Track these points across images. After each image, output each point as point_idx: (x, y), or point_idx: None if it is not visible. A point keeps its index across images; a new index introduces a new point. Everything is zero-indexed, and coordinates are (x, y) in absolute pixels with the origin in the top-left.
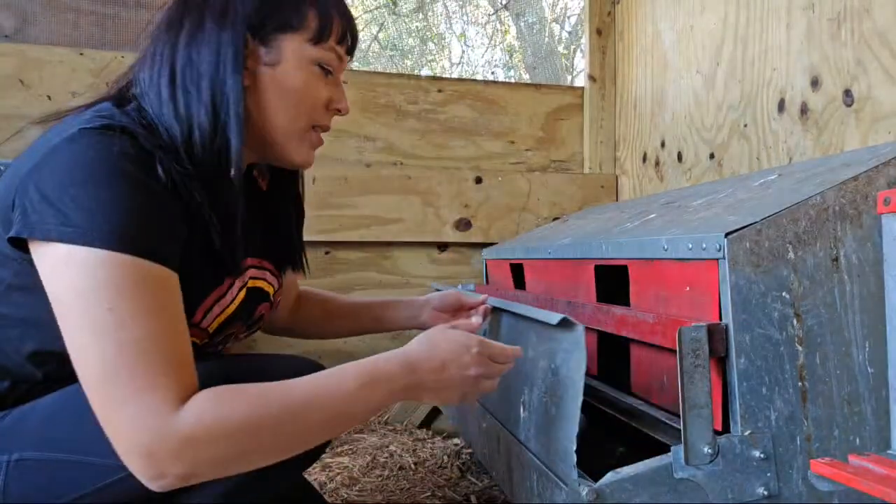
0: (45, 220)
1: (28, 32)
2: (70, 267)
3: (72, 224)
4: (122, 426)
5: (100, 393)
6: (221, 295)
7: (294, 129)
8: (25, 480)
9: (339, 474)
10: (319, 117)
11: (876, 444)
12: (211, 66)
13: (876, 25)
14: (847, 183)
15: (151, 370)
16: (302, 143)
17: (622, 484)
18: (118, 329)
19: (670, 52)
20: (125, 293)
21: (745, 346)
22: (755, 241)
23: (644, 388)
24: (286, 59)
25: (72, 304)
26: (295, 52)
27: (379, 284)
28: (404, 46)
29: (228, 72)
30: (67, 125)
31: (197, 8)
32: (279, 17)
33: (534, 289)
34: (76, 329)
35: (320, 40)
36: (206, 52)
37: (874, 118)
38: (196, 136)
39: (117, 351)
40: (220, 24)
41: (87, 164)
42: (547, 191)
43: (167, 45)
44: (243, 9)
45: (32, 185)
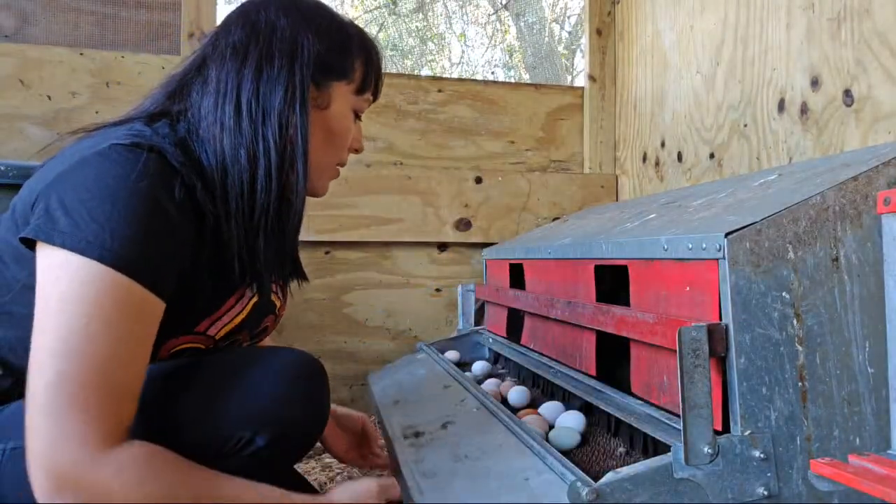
0: (56, 226)
1: (28, 32)
2: (64, 272)
3: (79, 233)
4: (46, 436)
5: (43, 397)
6: (231, 306)
7: (326, 165)
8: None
9: (340, 474)
10: (344, 157)
11: (876, 444)
12: (280, 102)
13: (876, 25)
14: (847, 183)
15: (100, 396)
16: (326, 178)
17: (622, 484)
18: (87, 343)
19: (670, 52)
20: (106, 312)
21: (745, 346)
22: (755, 241)
23: (644, 388)
24: (335, 104)
25: (53, 307)
26: (342, 99)
27: (379, 284)
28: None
29: (297, 111)
30: (101, 138)
31: (266, 41)
32: (337, 66)
33: (534, 289)
34: (48, 332)
35: (362, 91)
36: (278, 89)
37: (874, 118)
38: (262, 167)
39: (78, 364)
40: (290, 63)
41: (111, 180)
42: (547, 191)
43: (232, 73)
44: (310, 51)
45: (55, 193)
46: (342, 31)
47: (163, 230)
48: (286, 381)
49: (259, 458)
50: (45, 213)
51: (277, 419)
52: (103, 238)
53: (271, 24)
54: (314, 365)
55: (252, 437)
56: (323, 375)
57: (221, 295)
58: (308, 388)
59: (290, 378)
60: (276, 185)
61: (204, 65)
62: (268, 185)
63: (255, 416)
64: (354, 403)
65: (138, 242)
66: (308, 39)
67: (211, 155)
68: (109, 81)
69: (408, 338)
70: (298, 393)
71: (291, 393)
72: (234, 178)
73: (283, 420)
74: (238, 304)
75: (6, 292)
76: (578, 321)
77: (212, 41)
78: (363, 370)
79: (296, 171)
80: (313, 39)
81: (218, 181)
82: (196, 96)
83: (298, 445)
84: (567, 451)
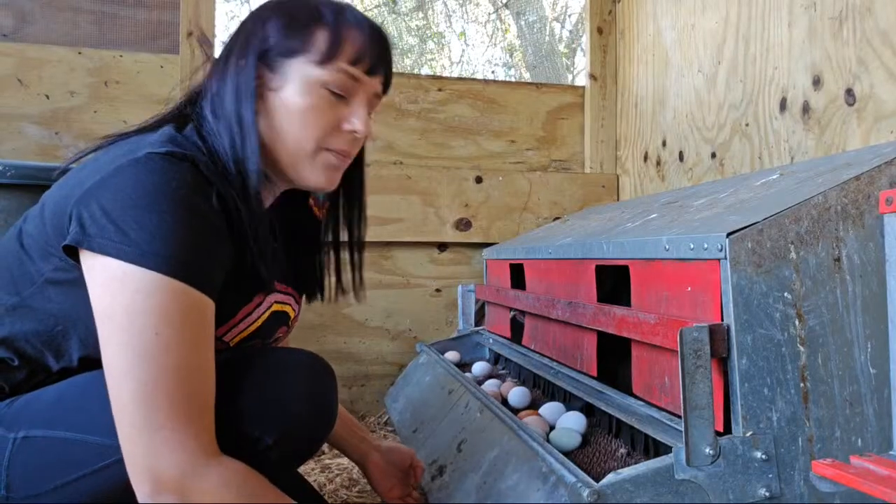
0: (105, 235)
1: (26, 32)
2: (125, 285)
3: (131, 244)
4: (147, 449)
5: (132, 412)
6: (248, 313)
7: (301, 151)
8: (29, 458)
9: (339, 475)
10: (329, 140)
11: (878, 445)
12: (232, 96)
13: (878, 24)
14: (849, 183)
15: (188, 403)
16: (313, 166)
17: (623, 485)
18: (162, 354)
19: (671, 50)
20: (174, 320)
21: (747, 347)
22: (757, 241)
23: (645, 388)
24: (289, 83)
25: (121, 321)
26: (298, 75)
27: (379, 284)
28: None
29: (243, 102)
30: (134, 145)
31: (234, 39)
32: (285, 44)
33: (534, 289)
34: (120, 346)
35: (327, 61)
36: (230, 83)
37: (876, 117)
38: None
39: (159, 375)
40: (240, 55)
41: (151, 188)
42: (547, 190)
43: (213, 79)
44: (257, 39)
45: (95, 201)
46: (299, 6)
47: (207, 234)
48: (294, 381)
49: (266, 457)
50: (90, 221)
51: (285, 418)
52: (156, 247)
53: (242, 23)
54: (322, 365)
55: (260, 437)
56: (331, 376)
57: (240, 301)
58: (316, 388)
59: (299, 378)
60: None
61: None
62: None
63: (263, 415)
64: (354, 404)
65: (188, 248)
66: (261, 27)
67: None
68: (108, 81)
69: (408, 338)
70: (306, 393)
71: (299, 393)
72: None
73: (291, 419)
74: (255, 312)
75: (29, 285)
76: (579, 322)
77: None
78: (363, 370)
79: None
80: (267, 25)
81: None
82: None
83: (305, 445)
84: (568, 453)
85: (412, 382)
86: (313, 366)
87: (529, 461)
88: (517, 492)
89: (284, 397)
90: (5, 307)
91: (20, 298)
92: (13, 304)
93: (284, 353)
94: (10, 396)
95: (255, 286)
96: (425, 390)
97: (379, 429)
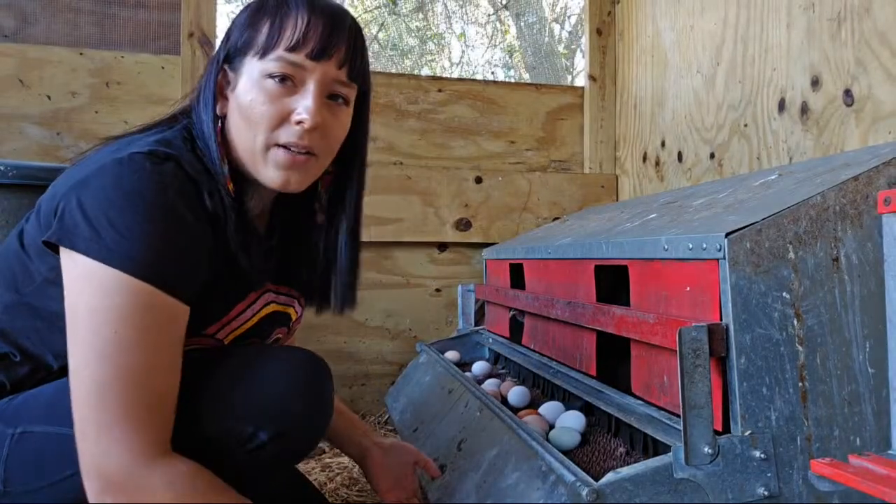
0: (78, 232)
1: (28, 32)
2: (90, 283)
3: (100, 242)
4: (96, 447)
5: (86, 409)
6: (241, 311)
7: (252, 148)
8: (27, 453)
9: (340, 474)
10: (278, 134)
11: (876, 445)
12: (201, 100)
13: (876, 25)
14: (847, 183)
15: (140, 404)
16: (266, 164)
17: (622, 484)
18: (120, 353)
19: (670, 51)
20: (135, 320)
21: (746, 347)
22: (755, 241)
23: (644, 388)
24: (241, 80)
25: (83, 318)
26: (247, 71)
27: (379, 284)
28: (404, 46)
29: (203, 104)
30: (122, 145)
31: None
32: (245, 41)
33: (534, 289)
34: (81, 343)
35: (265, 53)
36: (203, 88)
37: (874, 118)
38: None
39: (114, 375)
40: (212, 59)
41: (129, 188)
42: (547, 191)
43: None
44: (225, 41)
45: (75, 198)
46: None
47: (181, 237)
48: (290, 379)
49: (262, 454)
50: (68, 217)
51: (281, 416)
52: (125, 247)
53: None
54: (319, 363)
55: (255, 433)
56: (327, 374)
57: (231, 298)
58: (312, 385)
59: (295, 375)
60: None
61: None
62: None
63: (258, 412)
64: (354, 403)
65: (158, 250)
66: (231, 28)
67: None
68: (109, 81)
69: (408, 338)
70: (302, 390)
71: (295, 390)
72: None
73: (287, 417)
74: (249, 310)
75: (30, 284)
76: (579, 321)
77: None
78: (363, 370)
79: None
80: (233, 25)
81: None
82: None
83: (302, 443)
84: (567, 452)
85: (412, 382)
86: (308, 362)
87: (529, 460)
88: (517, 491)
89: (280, 394)
90: (6, 304)
91: (21, 296)
92: (15, 301)
93: (279, 350)
94: (11, 394)
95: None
96: (425, 390)
97: (379, 428)
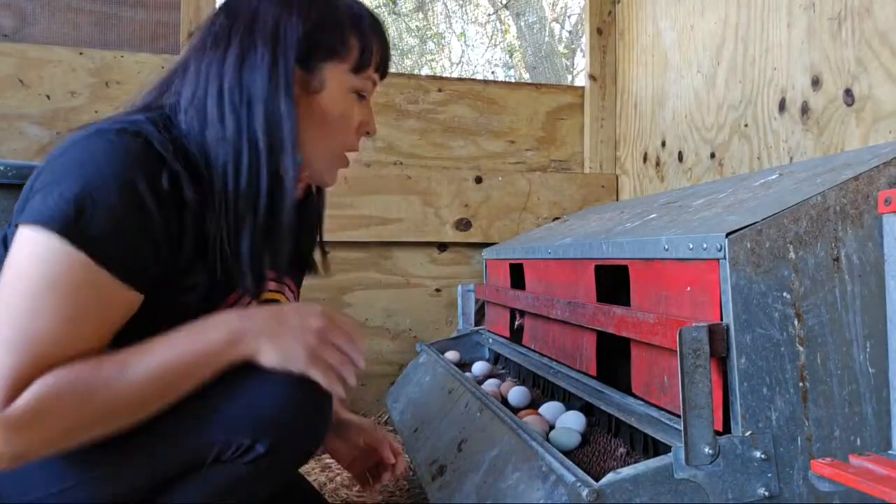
0: (28, 205)
1: (27, 32)
2: (26, 246)
3: (45, 210)
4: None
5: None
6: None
7: (329, 153)
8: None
9: (339, 475)
10: (351, 142)
11: (877, 445)
12: (264, 90)
13: (877, 24)
14: (848, 183)
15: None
16: (333, 166)
17: (622, 484)
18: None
19: (671, 51)
20: (59, 291)
21: (746, 347)
22: (756, 241)
23: (644, 388)
24: (329, 87)
25: (9, 279)
26: (337, 81)
27: (379, 284)
28: (404, 46)
29: (282, 97)
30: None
31: (246, 27)
32: (325, 46)
33: (534, 289)
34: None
35: (361, 69)
36: (259, 76)
37: (875, 118)
38: (245, 159)
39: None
40: (273, 48)
41: (88, 161)
42: (547, 191)
43: (213, 63)
44: (293, 35)
45: (37, 177)
46: (331, 8)
47: (136, 216)
48: (288, 387)
49: (259, 465)
50: (31, 191)
51: (279, 426)
52: (68, 214)
53: (252, 8)
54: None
55: (252, 444)
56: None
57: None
58: (310, 394)
59: (292, 383)
60: (265, 177)
61: (191, 55)
62: (253, 178)
63: (255, 422)
64: (354, 403)
65: (105, 223)
66: (290, 21)
67: (195, 147)
68: (109, 81)
69: (408, 338)
70: (300, 399)
71: (293, 399)
72: (217, 171)
73: (285, 427)
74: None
75: None
76: (579, 321)
77: (198, 33)
78: (363, 370)
79: (284, 162)
80: (296, 20)
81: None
82: (183, 89)
83: (300, 453)
84: (567, 452)
85: (412, 382)
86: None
87: (529, 461)
88: (517, 491)
89: (278, 404)
90: None
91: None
92: None
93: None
94: None
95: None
96: (425, 390)
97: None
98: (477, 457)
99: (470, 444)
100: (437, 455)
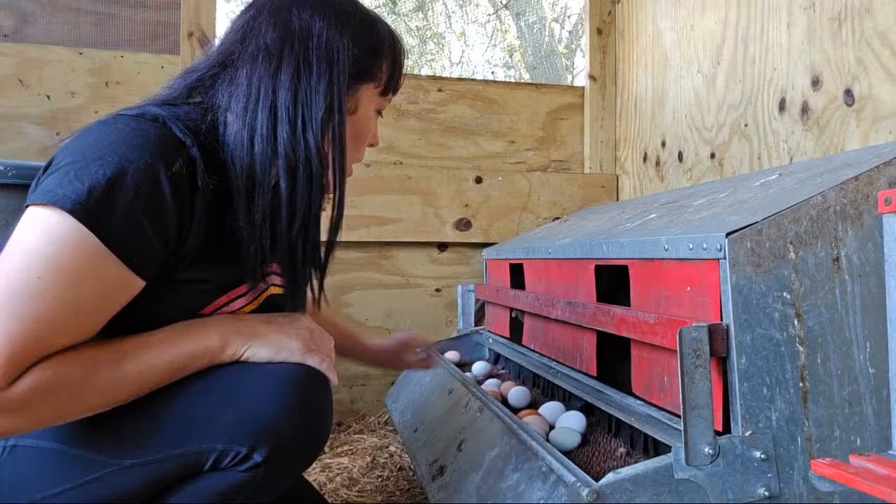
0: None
1: (27, 32)
2: (37, 224)
3: (59, 190)
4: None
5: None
6: (240, 295)
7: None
8: (16, 467)
9: (339, 475)
10: (363, 154)
11: (877, 445)
12: (323, 111)
13: (877, 25)
14: (848, 183)
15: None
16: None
17: (623, 484)
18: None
19: (671, 51)
20: (66, 276)
21: (746, 347)
22: (756, 241)
23: (645, 388)
24: (361, 107)
25: (13, 254)
26: (368, 101)
27: (379, 284)
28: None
29: (336, 119)
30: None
31: (302, 46)
32: (367, 69)
33: (534, 289)
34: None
35: (387, 92)
36: (318, 97)
37: (875, 118)
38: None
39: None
40: (329, 69)
41: (105, 144)
42: (547, 191)
43: (266, 78)
44: (346, 57)
45: (56, 157)
46: (374, 33)
47: (151, 202)
48: (286, 394)
49: (256, 474)
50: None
51: (277, 434)
52: (81, 194)
53: (306, 27)
54: (316, 376)
55: (249, 453)
56: (325, 387)
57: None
58: (310, 400)
59: (291, 390)
60: (315, 194)
61: (231, 63)
62: (309, 194)
63: (253, 430)
64: (354, 403)
65: (118, 206)
66: (343, 44)
67: (237, 160)
68: (109, 81)
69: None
70: (299, 406)
71: (292, 406)
72: (263, 186)
73: (283, 435)
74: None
75: None
76: (579, 321)
77: (239, 37)
78: (363, 370)
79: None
80: (348, 44)
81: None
82: (222, 96)
83: (298, 462)
84: (568, 452)
85: (412, 382)
86: (306, 377)
87: (529, 461)
88: (517, 491)
89: (276, 412)
90: None
91: None
92: None
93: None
94: None
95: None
96: (425, 390)
97: (379, 428)
98: (477, 457)
99: (470, 444)
100: (438, 455)
